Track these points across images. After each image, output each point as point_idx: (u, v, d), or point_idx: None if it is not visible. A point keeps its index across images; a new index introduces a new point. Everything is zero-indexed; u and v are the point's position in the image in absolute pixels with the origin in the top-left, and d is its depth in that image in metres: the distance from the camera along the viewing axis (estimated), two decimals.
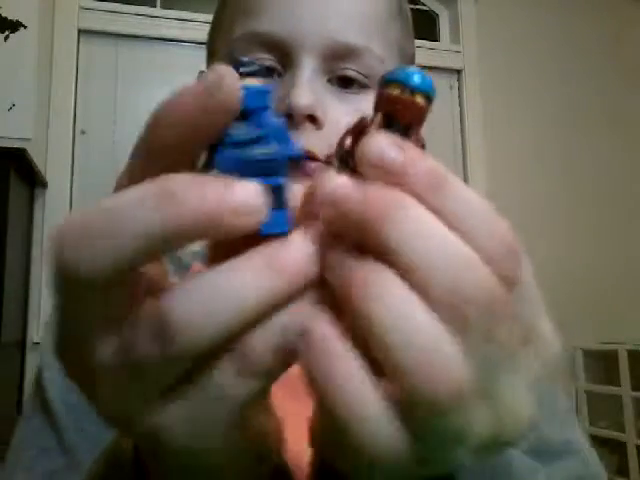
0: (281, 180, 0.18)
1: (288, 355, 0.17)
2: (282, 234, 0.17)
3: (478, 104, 2.31)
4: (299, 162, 0.19)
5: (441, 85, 2.30)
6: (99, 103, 1.96)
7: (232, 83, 0.16)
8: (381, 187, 0.16)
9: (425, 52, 2.23)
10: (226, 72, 0.16)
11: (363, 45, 0.42)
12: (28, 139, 1.79)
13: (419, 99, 0.18)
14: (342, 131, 0.20)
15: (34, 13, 1.86)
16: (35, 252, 1.78)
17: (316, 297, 0.17)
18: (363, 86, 0.43)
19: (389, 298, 0.15)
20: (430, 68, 2.20)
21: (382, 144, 0.17)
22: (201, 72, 0.53)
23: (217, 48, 0.47)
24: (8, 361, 1.59)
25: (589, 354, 2.20)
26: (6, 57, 1.82)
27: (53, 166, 1.83)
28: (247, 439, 0.20)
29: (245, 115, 0.18)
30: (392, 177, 0.16)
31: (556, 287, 2.32)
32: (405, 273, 0.16)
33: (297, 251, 0.17)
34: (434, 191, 0.16)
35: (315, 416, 0.20)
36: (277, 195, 0.17)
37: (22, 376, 1.71)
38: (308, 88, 0.40)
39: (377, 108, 0.19)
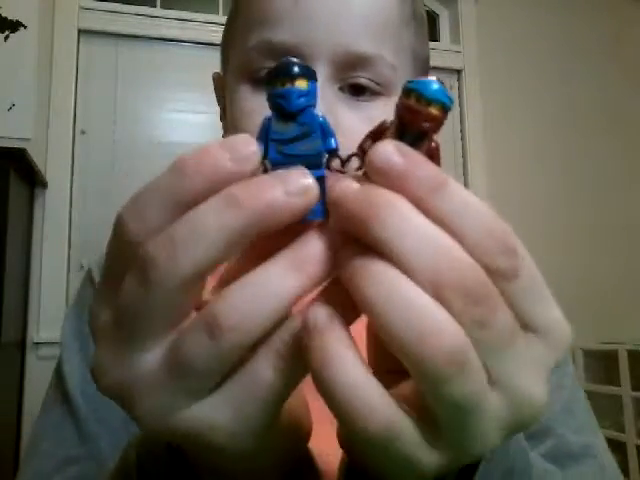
0: (322, 172, 0.20)
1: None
2: (320, 220, 0.20)
3: (478, 104, 2.31)
4: (335, 153, 0.21)
5: None
6: (99, 103, 1.95)
7: (254, 160, 0.19)
8: (375, 188, 0.18)
9: None
10: (250, 149, 0.19)
11: (375, 53, 0.42)
12: (28, 139, 1.79)
13: (433, 109, 0.19)
14: (356, 138, 0.22)
15: (34, 13, 1.86)
16: (35, 252, 1.78)
17: (330, 292, 0.19)
18: (375, 93, 0.43)
19: (380, 278, 0.17)
20: (430, 68, 2.20)
21: (387, 152, 0.18)
22: (215, 73, 0.53)
23: (230, 57, 0.47)
24: (8, 361, 1.59)
25: (589, 354, 2.20)
26: (6, 57, 1.82)
27: (53, 166, 1.83)
28: (282, 428, 0.22)
29: (290, 115, 0.20)
30: (394, 181, 0.18)
31: (556, 287, 2.28)
32: (395, 263, 0.18)
33: (314, 249, 0.19)
34: (433, 194, 0.18)
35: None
36: (319, 186, 0.19)
37: (22, 376, 1.71)
38: (320, 97, 0.39)
39: (395, 114, 0.20)
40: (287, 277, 0.18)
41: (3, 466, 1.51)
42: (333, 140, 0.20)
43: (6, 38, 1.83)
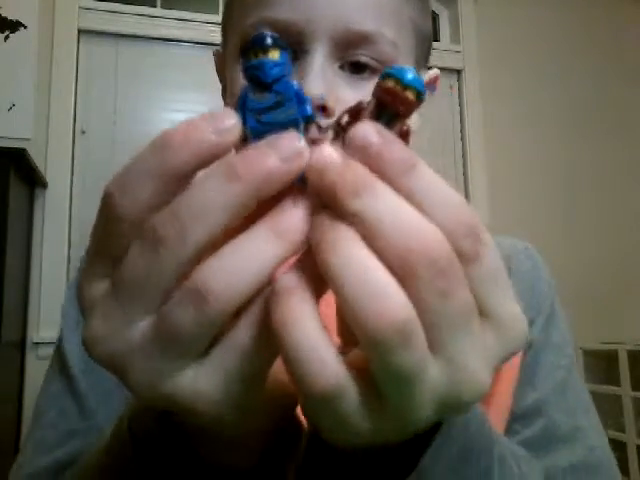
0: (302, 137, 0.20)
1: None
2: (303, 185, 0.20)
3: (478, 104, 2.31)
4: (312, 121, 0.22)
5: (441, 85, 2.30)
6: (99, 103, 1.95)
7: (235, 131, 0.19)
8: (354, 162, 0.19)
9: None
10: (231, 121, 0.19)
11: (375, 31, 0.42)
12: (28, 139, 1.79)
13: (409, 94, 0.20)
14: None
15: (34, 13, 1.86)
16: (35, 252, 1.78)
17: (304, 260, 0.20)
18: (375, 71, 0.42)
19: (340, 246, 0.18)
20: (430, 68, 2.20)
21: (366, 130, 0.19)
22: (216, 51, 0.53)
23: (229, 35, 0.47)
24: (8, 361, 1.59)
25: (589, 354, 2.20)
26: (6, 57, 1.82)
27: (53, 166, 1.83)
28: (267, 393, 0.22)
29: (266, 85, 0.21)
30: (371, 159, 0.19)
31: (556, 287, 2.29)
32: (364, 235, 0.18)
33: (293, 217, 0.19)
34: (404, 174, 0.19)
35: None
36: None
37: (22, 376, 1.71)
38: (320, 77, 0.40)
39: (373, 95, 0.21)
40: (268, 245, 0.19)
41: (3, 465, 1.51)
42: (309, 107, 0.21)
43: (6, 38, 1.83)
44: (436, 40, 2.39)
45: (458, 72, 2.34)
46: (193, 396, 0.20)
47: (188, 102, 2.00)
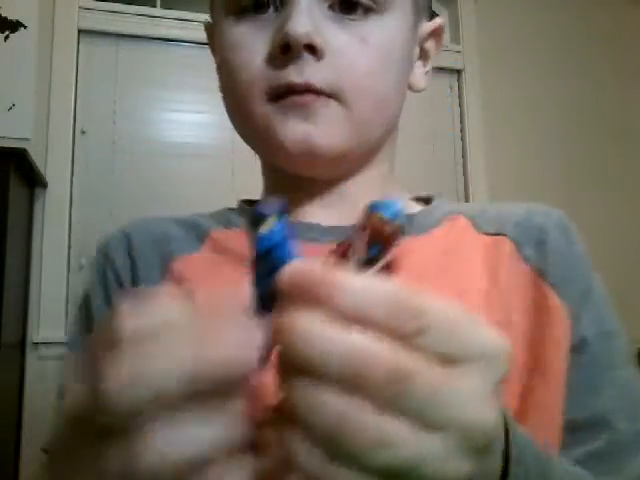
0: None
1: None
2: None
3: (478, 104, 2.31)
4: None
5: (441, 85, 2.30)
6: (99, 103, 1.95)
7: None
8: (275, 319, 0.20)
9: None
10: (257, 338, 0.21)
11: None
12: (28, 139, 1.79)
13: (387, 228, 0.23)
14: (345, 58, 0.21)
15: (34, 13, 1.86)
16: (35, 252, 1.77)
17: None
18: (368, 10, 0.40)
19: (303, 394, 0.19)
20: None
21: (287, 273, 0.21)
22: (206, 22, 0.52)
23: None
24: (8, 361, 1.58)
25: None
26: (6, 57, 1.82)
27: (53, 166, 1.83)
28: None
29: (263, 255, 0.22)
30: (300, 295, 0.20)
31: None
32: (314, 377, 0.19)
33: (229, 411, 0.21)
34: (331, 297, 0.20)
35: None
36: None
37: (22, 376, 1.71)
38: (306, 15, 0.37)
39: (359, 227, 0.24)
40: (203, 428, 0.19)
41: (4, 466, 1.51)
42: None
43: (6, 38, 1.83)
44: None
45: (458, 72, 2.34)
46: None
47: (188, 102, 1.99)
